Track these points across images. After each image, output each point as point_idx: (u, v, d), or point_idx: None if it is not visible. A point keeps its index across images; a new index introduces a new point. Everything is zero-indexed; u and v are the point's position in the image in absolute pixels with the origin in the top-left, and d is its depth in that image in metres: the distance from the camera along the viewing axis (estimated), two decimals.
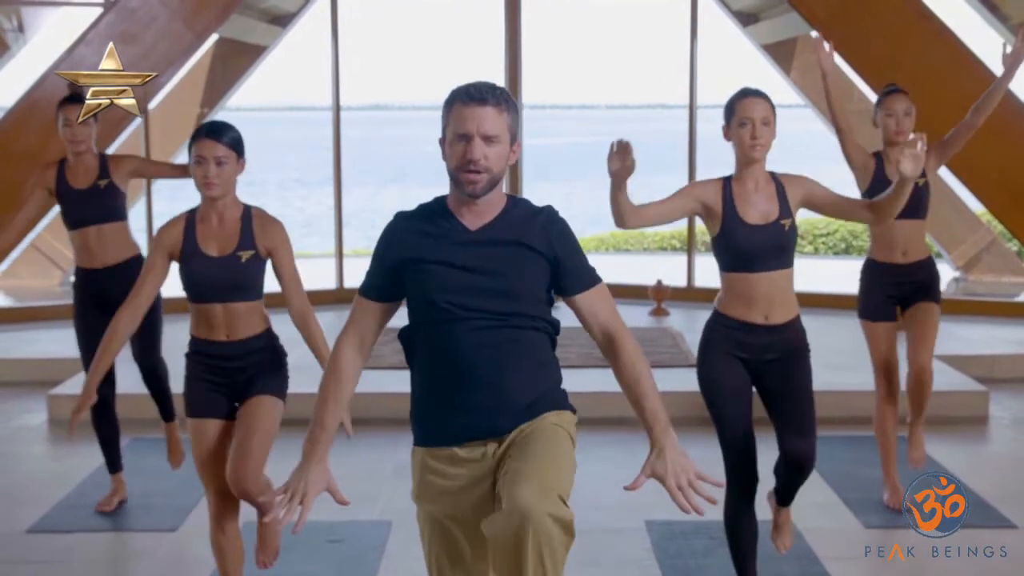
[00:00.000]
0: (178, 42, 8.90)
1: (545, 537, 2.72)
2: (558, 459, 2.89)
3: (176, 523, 5.25)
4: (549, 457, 2.87)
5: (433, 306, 2.96)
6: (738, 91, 4.07)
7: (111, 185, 5.30)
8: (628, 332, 3.08)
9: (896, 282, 5.26)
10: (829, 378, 6.75)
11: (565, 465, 2.91)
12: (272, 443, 4.05)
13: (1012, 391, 7.48)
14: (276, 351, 4.13)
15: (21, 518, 5.32)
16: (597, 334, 3.08)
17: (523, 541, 2.72)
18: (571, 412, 3.07)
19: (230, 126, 3.99)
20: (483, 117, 2.91)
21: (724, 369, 4.06)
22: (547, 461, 2.86)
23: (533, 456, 2.86)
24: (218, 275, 3.95)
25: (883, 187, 5.21)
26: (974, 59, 8.82)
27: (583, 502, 3.11)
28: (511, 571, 2.77)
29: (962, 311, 8.88)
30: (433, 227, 3.00)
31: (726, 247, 4.03)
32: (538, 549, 2.72)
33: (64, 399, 6.93)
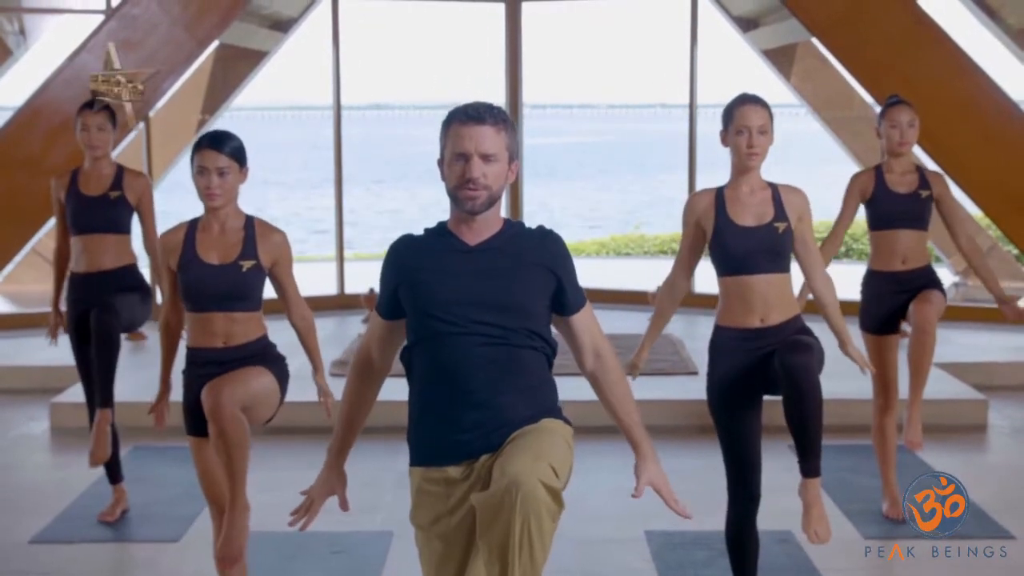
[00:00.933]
0: (180, 49, 8.92)
1: (532, 502, 2.72)
2: (553, 439, 2.93)
3: (178, 533, 5.27)
4: (543, 438, 2.91)
5: (430, 318, 2.99)
6: (736, 97, 4.08)
7: (122, 198, 5.34)
8: (611, 347, 3.22)
9: (896, 290, 5.28)
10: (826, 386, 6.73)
11: (559, 445, 2.94)
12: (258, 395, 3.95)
13: (1011, 399, 7.49)
14: (273, 353, 4.14)
15: (24, 528, 5.34)
16: (588, 352, 3.17)
17: (511, 505, 2.72)
18: (567, 424, 3.09)
19: (232, 136, 4.01)
20: (481, 136, 2.95)
21: (731, 386, 4.04)
22: (540, 440, 2.90)
23: (526, 439, 2.91)
24: (218, 283, 3.97)
25: (883, 200, 5.24)
26: (972, 65, 8.83)
27: (582, 513, 3.14)
28: (496, 536, 2.76)
29: (961, 317, 8.89)
30: (433, 244, 3.07)
31: (719, 250, 4.04)
32: (525, 514, 2.72)
33: (66, 407, 6.96)
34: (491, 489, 2.79)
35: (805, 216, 4.08)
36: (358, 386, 3.23)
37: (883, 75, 8.85)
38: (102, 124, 5.35)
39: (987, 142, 8.84)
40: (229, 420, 3.77)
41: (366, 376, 3.23)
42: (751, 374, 4.03)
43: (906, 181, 5.25)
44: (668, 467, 3.22)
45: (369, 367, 3.23)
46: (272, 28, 10.92)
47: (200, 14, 9.00)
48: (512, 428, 2.96)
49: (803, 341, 3.90)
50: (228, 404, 3.77)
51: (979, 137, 8.83)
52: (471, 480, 2.96)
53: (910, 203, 5.23)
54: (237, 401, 3.82)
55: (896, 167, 5.26)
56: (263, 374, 4.00)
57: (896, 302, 5.29)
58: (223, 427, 3.77)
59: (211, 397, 3.80)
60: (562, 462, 2.91)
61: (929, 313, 5.13)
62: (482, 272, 2.99)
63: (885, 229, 5.27)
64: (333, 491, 3.25)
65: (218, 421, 3.77)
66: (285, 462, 6.03)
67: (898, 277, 5.27)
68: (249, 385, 3.91)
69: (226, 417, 3.76)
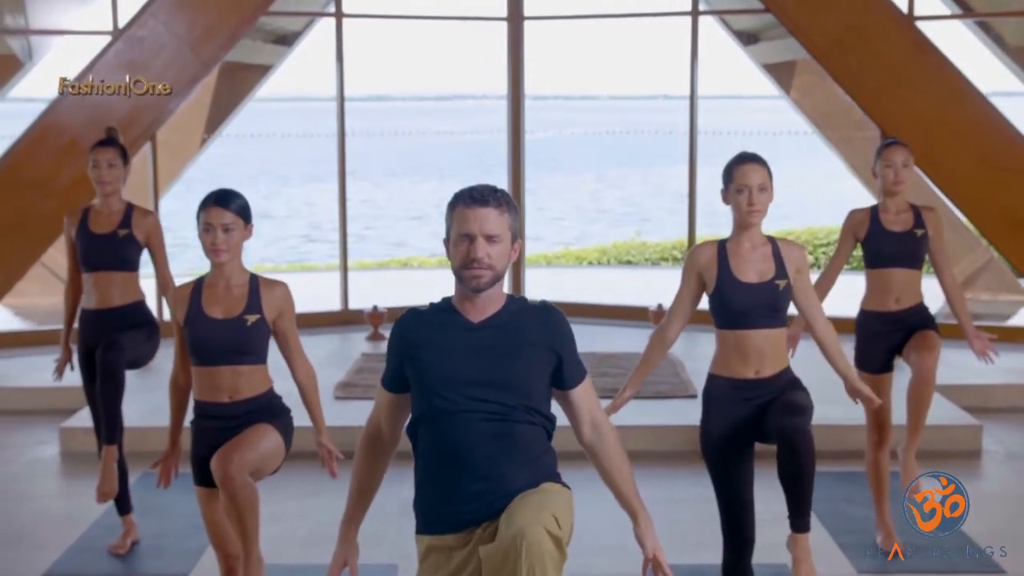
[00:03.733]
0: (186, 70, 9.03)
1: (537, 550, 2.86)
2: (554, 496, 3.09)
3: (187, 567, 5.37)
4: (544, 495, 3.07)
5: (433, 395, 3.12)
6: (736, 157, 4.23)
7: (130, 236, 5.45)
8: (609, 419, 3.35)
9: (891, 329, 5.39)
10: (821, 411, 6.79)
11: (561, 500, 3.09)
12: (265, 457, 4.08)
13: (1006, 422, 7.57)
14: (278, 405, 4.26)
15: (36, 562, 5.44)
16: (586, 423, 3.29)
17: (516, 554, 2.86)
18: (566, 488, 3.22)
19: (237, 194, 4.15)
20: (485, 218, 3.08)
21: (725, 437, 4.18)
22: (542, 496, 3.06)
23: (528, 496, 3.06)
24: (224, 337, 4.10)
25: (879, 239, 5.36)
26: (972, 90, 8.94)
27: (583, 547, 3.25)
28: None
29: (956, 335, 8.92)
30: (437, 322, 3.19)
31: (720, 304, 4.19)
32: (531, 562, 2.86)
33: (76, 432, 7.06)
34: (497, 539, 2.94)
35: (803, 268, 4.23)
36: (368, 459, 3.36)
37: (883, 101, 8.95)
38: (112, 160, 5.45)
39: (987, 166, 8.95)
40: (240, 488, 3.90)
41: (376, 448, 3.36)
42: (745, 425, 4.17)
43: (901, 220, 5.35)
44: (665, 496, 3.38)
45: (379, 440, 3.35)
46: (276, 43, 11.02)
47: (206, 35, 9.09)
48: (511, 498, 3.08)
49: (797, 403, 4.03)
50: (238, 474, 3.89)
51: (979, 161, 8.93)
52: (469, 547, 3.11)
53: (905, 242, 5.34)
54: (247, 467, 3.94)
55: (891, 207, 5.37)
56: (268, 432, 4.12)
57: (891, 341, 5.40)
58: (234, 495, 3.89)
59: (221, 467, 3.91)
60: (564, 513, 3.05)
61: (931, 363, 5.28)
62: (484, 350, 3.11)
63: (880, 268, 5.38)
64: (346, 562, 3.39)
65: (229, 490, 3.89)
66: (286, 491, 6.10)
67: (892, 317, 5.38)
68: (258, 449, 4.03)
69: (237, 486, 3.89)
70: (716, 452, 4.20)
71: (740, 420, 4.16)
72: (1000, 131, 8.93)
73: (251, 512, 3.93)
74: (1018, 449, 7.18)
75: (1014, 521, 6.00)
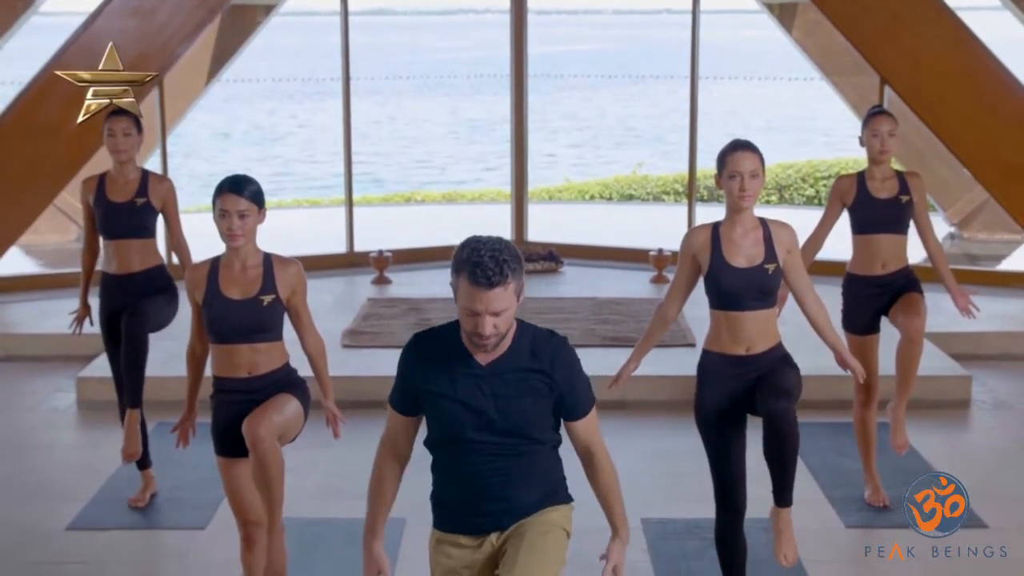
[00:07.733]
0: (191, 17, 9.09)
1: None
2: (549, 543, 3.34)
3: (205, 520, 5.61)
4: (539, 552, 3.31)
5: (447, 436, 3.33)
6: (729, 144, 4.41)
7: (147, 204, 5.62)
8: (605, 448, 3.50)
9: (877, 293, 5.58)
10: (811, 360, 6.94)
11: (556, 546, 3.36)
12: (290, 421, 4.31)
13: (996, 370, 7.72)
14: (295, 378, 4.47)
15: (58, 514, 5.67)
16: (581, 449, 3.48)
17: None
18: (568, 504, 3.47)
19: (251, 180, 4.31)
20: (491, 299, 3.15)
21: (719, 410, 4.40)
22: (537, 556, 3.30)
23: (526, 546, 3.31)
24: (241, 317, 4.29)
25: (866, 206, 5.51)
26: (971, 37, 8.98)
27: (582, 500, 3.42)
28: None
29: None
30: (447, 361, 3.30)
31: (712, 286, 4.40)
32: None
33: (92, 381, 7.23)
34: None
35: (793, 249, 4.41)
36: (385, 471, 3.48)
37: (883, 46, 9.01)
38: (127, 129, 5.58)
39: (984, 113, 9.03)
40: (270, 452, 4.15)
41: (392, 461, 3.49)
42: (738, 398, 4.40)
43: (887, 187, 5.51)
44: (664, 447, 3.51)
45: (395, 455, 3.49)
46: None
47: None
48: (521, 515, 3.37)
49: (784, 385, 4.25)
50: (268, 437, 4.14)
51: (976, 108, 9.01)
52: (479, 553, 3.40)
53: (891, 209, 5.50)
54: (275, 432, 4.18)
55: (877, 174, 5.53)
56: (290, 401, 4.34)
57: (878, 304, 5.60)
58: (264, 459, 4.14)
59: (251, 430, 4.15)
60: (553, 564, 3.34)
61: (919, 325, 5.47)
62: (491, 397, 3.27)
63: (867, 234, 5.54)
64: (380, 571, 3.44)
65: (259, 453, 4.14)
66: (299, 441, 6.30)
67: (878, 281, 5.57)
68: (283, 413, 4.27)
69: (267, 449, 4.14)
70: (710, 426, 4.42)
71: (733, 394, 4.38)
72: (1000, 80, 9.01)
73: (278, 481, 4.18)
74: (1007, 398, 7.35)
75: (996, 473, 6.19)
